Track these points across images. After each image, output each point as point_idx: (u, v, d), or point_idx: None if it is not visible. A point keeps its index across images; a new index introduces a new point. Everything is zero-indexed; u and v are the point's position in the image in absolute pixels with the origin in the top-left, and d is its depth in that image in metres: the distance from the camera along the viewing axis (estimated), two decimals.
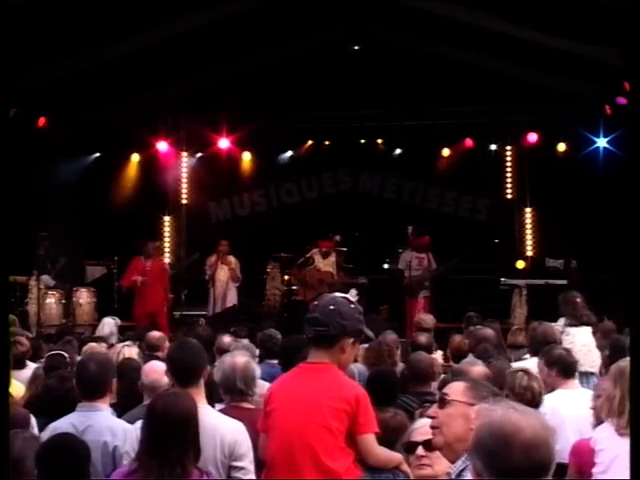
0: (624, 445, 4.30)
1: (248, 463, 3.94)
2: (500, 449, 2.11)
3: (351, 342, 3.88)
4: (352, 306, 3.90)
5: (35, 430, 4.71)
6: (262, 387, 5.39)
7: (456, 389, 2.99)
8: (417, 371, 5.37)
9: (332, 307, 3.83)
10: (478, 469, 2.16)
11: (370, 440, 3.79)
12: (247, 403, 4.59)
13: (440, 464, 3.33)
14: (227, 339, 7.13)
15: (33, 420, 4.84)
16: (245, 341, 7.20)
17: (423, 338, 6.86)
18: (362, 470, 3.84)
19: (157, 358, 6.11)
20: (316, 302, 3.92)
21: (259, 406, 4.79)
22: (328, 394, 3.76)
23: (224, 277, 13.18)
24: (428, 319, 8.52)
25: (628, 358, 5.13)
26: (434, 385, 5.53)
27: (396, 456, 3.83)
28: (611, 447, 4.37)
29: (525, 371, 4.92)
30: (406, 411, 4.83)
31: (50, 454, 3.59)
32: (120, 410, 4.72)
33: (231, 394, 4.59)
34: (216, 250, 13.15)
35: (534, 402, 4.81)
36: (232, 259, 13.24)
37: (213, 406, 4.51)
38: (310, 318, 3.87)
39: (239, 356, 4.77)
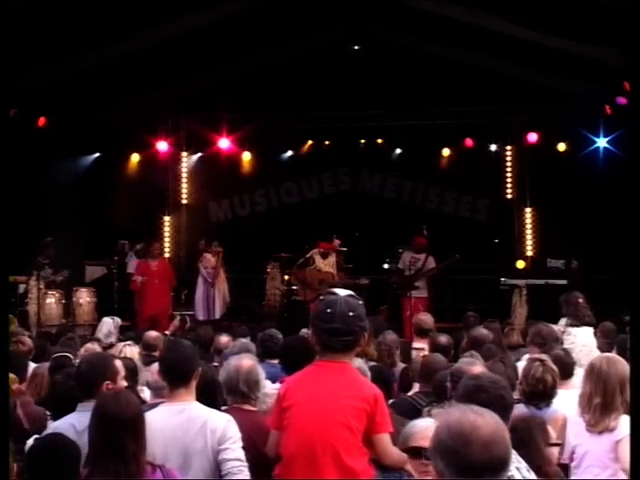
0: (593, 441, 4.36)
1: (232, 444, 3.89)
2: (460, 447, 2.16)
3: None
4: (360, 302, 3.91)
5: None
6: (262, 387, 5.41)
7: None
8: (431, 372, 5.36)
9: (352, 314, 3.81)
10: (439, 469, 2.21)
11: (387, 439, 3.82)
12: (249, 405, 4.60)
13: None
14: (224, 339, 7.11)
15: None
16: (243, 339, 7.18)
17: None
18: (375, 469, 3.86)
19: (154, 358, 6.12)
20: (329, 309, 3.84)
21: (261, 407, 4.80)
22: (348, 393, 3.79)
23: (224, 280, 13.22)
24: (427, 319, 8.41)
25: (601, 354, 5.18)
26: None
27: (404, 456, 3.85)
28: (583, 443, 4.43)
29: (542, 361, 4.92)
30: (415, 409, 4.86)
31: (40, 454, 3.59)
32: None
33: (233, 396, 4.59)
34: (212, 252, 13.12)
35: (545, 394, 4.81)
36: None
37: (219, 409, 4.51)
38: (331, 329, 3.82)
39: (245, 359, 4.78)
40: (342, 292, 3.96)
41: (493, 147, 15.49)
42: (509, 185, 15.63)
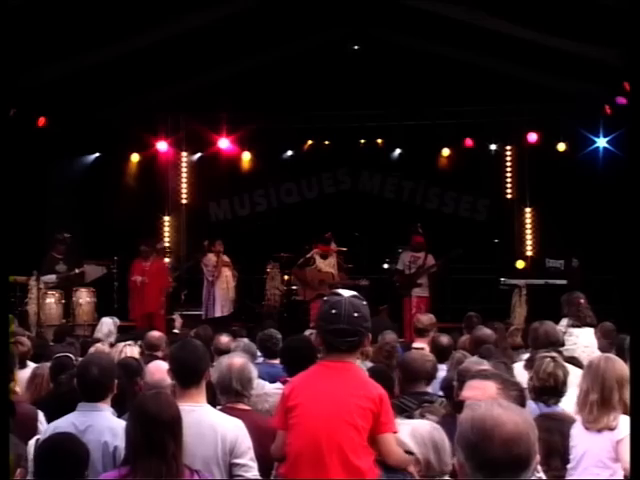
0: (592, 441, 4.36)
1: (249, 460, 3.95)
2: (480, 441, 2.15)
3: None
4: (364, 303, 3.91)
5: (44, 425, 4.71)
6: (262, 387, 5.42)
7: None
8: (410, 371, 5.30)
9: (357, 314, 3.81)
10: (460, 460, 2.21)
11: (391, 439, 3.81)
12: (243, 404, 4.59)
13: None
14: (225, 339, 7.11)
15: (41, 415, 4.85)
16: (245, 340, 7.18)
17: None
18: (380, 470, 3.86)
19: (156, 358, 6.13)
20: (334, 310, 3.83)
21: (255, 407, 4.80)
22: (354, 392, 3.78)
23: (228, 277, 13.20)
24: (424, 319, 8.31)
25: (602, 355, 5.18)
26: (436, 384, 5.51)
27: (409, 457, 3.86)
28: (581, 443, 4.43)
29: (553, 358, 4.92)
30: (404, 412, 4.82)
31: (49, 454, 3.57)
32: (118, 409, 4.72)
33: (227, 395, 4.59)
34: (214, 251, 13.11)
35: (556, 390, 4.80)
36: (227, 258, 13.25)
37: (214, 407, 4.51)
38: (337, 330, 3.81)
39: (236, 357, 4.78)
40: (347, 293, 3.95)
41: (493, 147, 15.49)
42: (509, 185, 15.63)
